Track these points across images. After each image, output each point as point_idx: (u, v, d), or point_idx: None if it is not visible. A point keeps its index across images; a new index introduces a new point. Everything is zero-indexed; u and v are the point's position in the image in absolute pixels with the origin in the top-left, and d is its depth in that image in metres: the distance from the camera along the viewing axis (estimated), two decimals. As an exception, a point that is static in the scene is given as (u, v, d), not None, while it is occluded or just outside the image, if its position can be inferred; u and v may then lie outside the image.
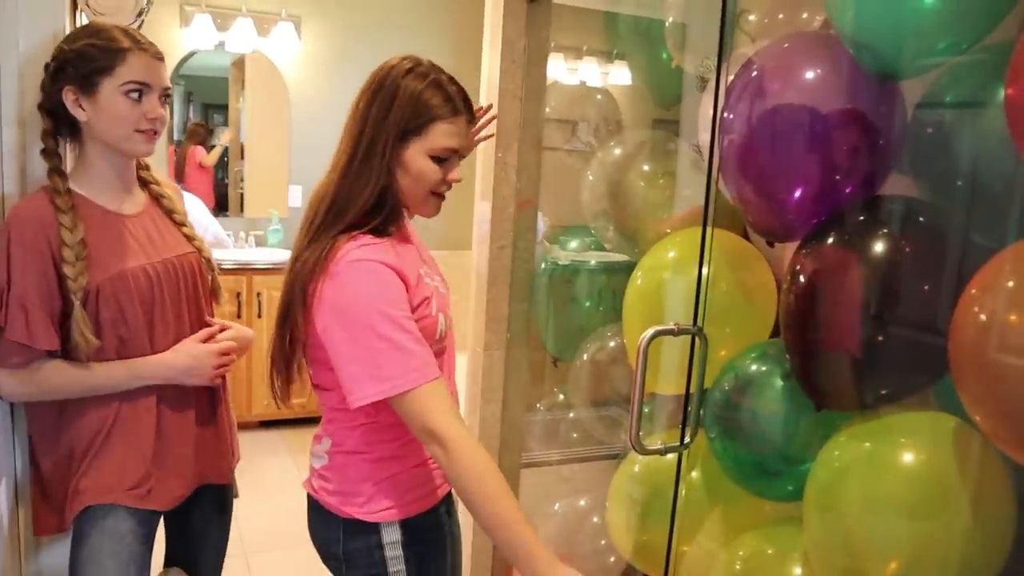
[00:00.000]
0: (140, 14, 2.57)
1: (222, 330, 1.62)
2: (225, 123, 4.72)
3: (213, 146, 4.67)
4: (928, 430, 1.27)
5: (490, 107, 1.77)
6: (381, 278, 1.28)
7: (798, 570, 1.45)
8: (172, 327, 1.53)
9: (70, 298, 1.39)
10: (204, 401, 1.62)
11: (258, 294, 4.19)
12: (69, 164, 1.55)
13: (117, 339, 1.46)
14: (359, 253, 1.28)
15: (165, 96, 1.48)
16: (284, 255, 4.36)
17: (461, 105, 1.35)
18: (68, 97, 1.42)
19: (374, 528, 1.38)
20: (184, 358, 1.51)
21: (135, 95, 1.42)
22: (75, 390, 1.45)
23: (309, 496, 1.47)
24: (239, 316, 4.16)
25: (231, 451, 1.72)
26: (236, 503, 1.79)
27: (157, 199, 1.60)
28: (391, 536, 1.38)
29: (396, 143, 1.32)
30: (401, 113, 1.31)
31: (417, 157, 1.33)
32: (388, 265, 1.29)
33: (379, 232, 1.34)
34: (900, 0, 1.22)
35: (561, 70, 4.13)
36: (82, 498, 1.47)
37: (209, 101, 4.72)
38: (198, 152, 4.64)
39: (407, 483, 1.39)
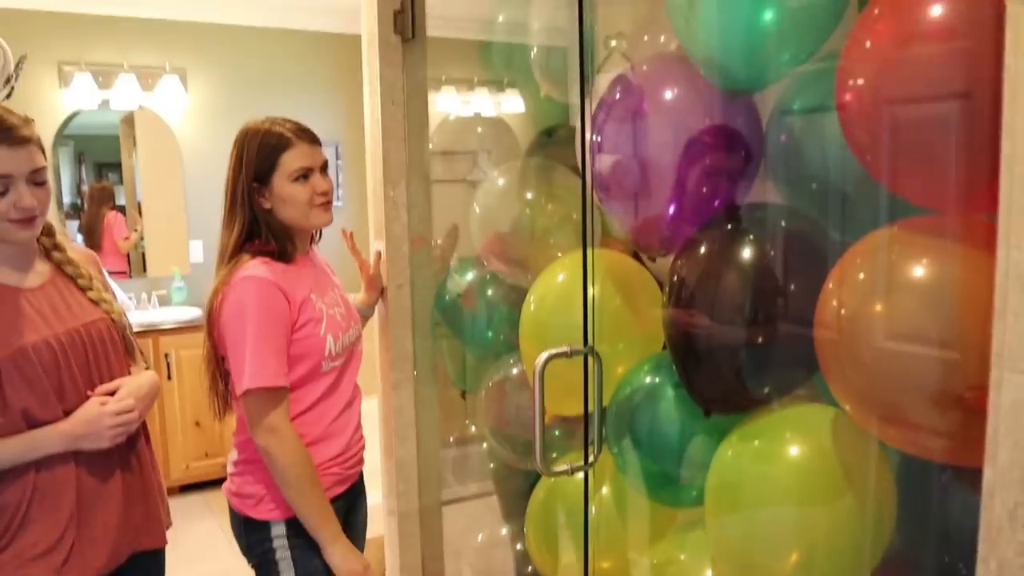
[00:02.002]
0: (8, 82, 2.50)
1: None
2: (120, 181, 4.58)
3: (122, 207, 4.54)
4: (807, 423, 1.32)
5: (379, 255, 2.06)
6: (262, 292, 1.56)
7: (709, 573, 1.49)
8: (84, 396, 1.50)
9: None
10: (127, 464, 1.58)
11: (166, 355, 4.06)
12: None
13: (23, 414, 1.43)
14: (250, 272, 1.57)
15: (36, 182, 1.44)
16: (190, 313, 4.24)
17: (297, 134, 1.65)
18: None
19: (264, 525, 1.64)
20: (79, 425, 1.47)
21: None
22: None
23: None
24: (149, 379, 4.04)
25: (163, 514, 1.68)
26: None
27: (60, 267, 1.57)
28: (278, 531, 1.64)
29: (257, 185, 1.63)
30: (250, 161, 1.63)
31: (283, 185, 1.63)
32: (273, 283, 1.57)
33: (277, 257, 1.63)
34: (737, 19, 1.28)
35: (455, 102, 4.18)
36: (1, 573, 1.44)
37: (101, 160, 4.53)
38: (116, 226, 4.47)
39: None
